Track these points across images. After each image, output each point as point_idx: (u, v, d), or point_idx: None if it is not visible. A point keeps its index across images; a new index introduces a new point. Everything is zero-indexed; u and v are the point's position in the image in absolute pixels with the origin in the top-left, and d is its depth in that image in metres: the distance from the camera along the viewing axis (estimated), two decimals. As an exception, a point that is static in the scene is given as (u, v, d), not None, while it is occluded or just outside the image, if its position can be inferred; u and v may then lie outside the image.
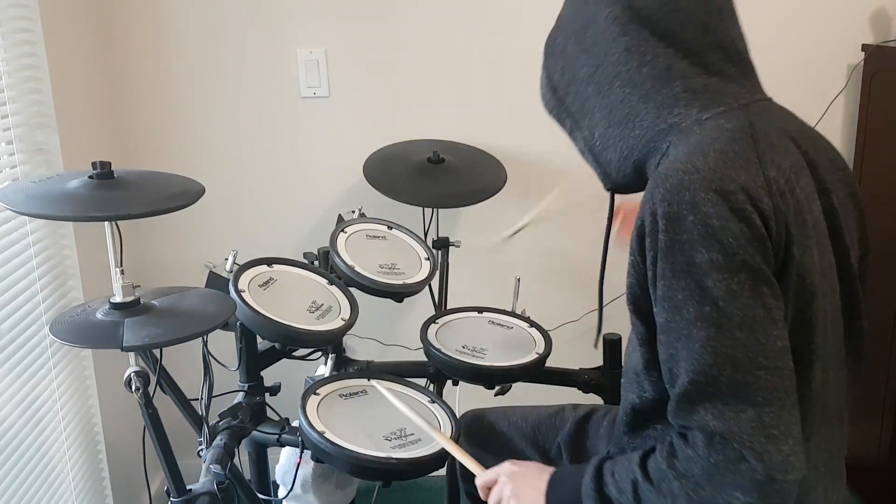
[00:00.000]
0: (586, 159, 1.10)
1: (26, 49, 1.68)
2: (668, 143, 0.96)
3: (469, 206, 2.16)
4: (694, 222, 0.85)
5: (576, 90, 1.05)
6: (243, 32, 2.06)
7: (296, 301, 1.49)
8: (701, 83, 0.96)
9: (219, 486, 1.27)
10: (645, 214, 0.90)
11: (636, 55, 0.97)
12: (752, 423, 0.85)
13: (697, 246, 0.85)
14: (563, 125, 1.11)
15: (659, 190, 0.88)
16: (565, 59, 1.06)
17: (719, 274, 0.85)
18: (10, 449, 1.54)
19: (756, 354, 0.85)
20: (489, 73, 2.11)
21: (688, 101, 0.96)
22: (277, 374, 1.58)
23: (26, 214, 1.14)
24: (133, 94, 2.09)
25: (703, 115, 0.95)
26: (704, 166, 0.87)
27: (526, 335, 1.69)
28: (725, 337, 0.85)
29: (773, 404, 0.85)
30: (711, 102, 0.95)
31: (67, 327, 1.11)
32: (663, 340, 0.91)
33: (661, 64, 0.96)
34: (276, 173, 2.17)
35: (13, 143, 1.60)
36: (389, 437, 1.29)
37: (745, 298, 0.85)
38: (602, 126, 1.03)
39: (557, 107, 1.10)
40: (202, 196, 1.21)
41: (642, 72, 0.97)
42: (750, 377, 0.85)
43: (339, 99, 2.11)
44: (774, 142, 0.94)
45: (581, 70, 1.03)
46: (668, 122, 0.96)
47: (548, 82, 1.11)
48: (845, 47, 2.09)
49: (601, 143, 1.04)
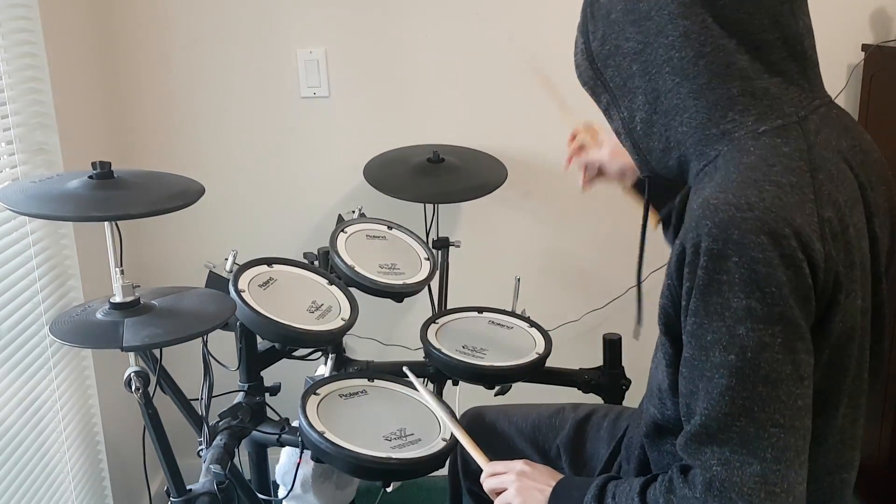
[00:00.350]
0: (622, 141, 1.00)
1: (26, 49, 1.68)
2: (718, 151, 0.89)
3: (469, 207, 2.16)
4: (738, 264, 0.80)
5: (618, 64, 0.94)
6: (243, 32, 2.06)
7: (296, 301, 1.49)
8: (761, 86, 0.88)
9: (219, 486, 1.27)
10: (687, 242, 0.84)
11: (694, 43, 0.87)
12: (755, 477, 0.82)
13: (737, 290, 0.80)
14: (597, 100, 1.01)
15: (706, 223, 0.82)
16: (608, 26, 0.94)
17: (754, 323, 0.81)
18: (10, 449, 1.54)
19: (773, 412, 0.82)
20: (489, 73, 2.11)
21: (744, 107, 0.88)
22: (277, 374, 1.58)
23: (26, 214, 1.14)
24: (133, 94, 2.09)
25: (760, 126, 0.87)
26: (759, 204, 0.81)
27: (526, 335, 1.69)
28: (746, 389, 0.82)
29: (780, 462, 0.82)
30: (769, 111, 0.88)
31: (67, 327, 1.11)
32: (685, 374, 0.88)
33: (722, 59, 0.87)
34: (276, 173, 2.17)
35: (13, 143, 1.60)
36: (389, 437, 1.29)
37: (775, 353, 0.81)
38: (645, 111, 0.94)
39: (593, 79, 0.99)
40: (202, 196, 1.21)
41: (699, 64, 0.88)
42: (763, 433, 0.82)
43: (339, 99, 2.11)
44: (832, 170, 0.88)
45: (627, 43, 0.92)
46: (721, 127, 0.89)
47: (584, 49, 0.99)
48: (845, 47, 2.09)
49: (643, 128, 0.95)
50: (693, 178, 0.94)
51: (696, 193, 0.91)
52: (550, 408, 1.42)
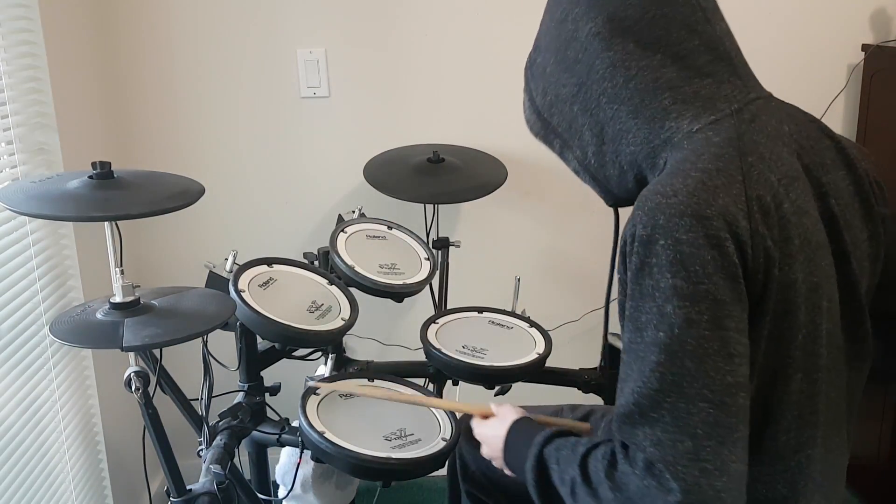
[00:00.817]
0: (582, 178, 1.08)
1: (26, 49, 1.68)
2: (664, 158, 0.94)
3: (469, 207, 2.16)
4: (664, 246, 0.85)
5: (561, 110, 1.03)
6: (243, 32, 2.06)
7: (296, 301, 1.49)
8: (691, 91, 0.94)
9: (219, 486, 1.27)
10: (626, 234, 0.90)
11: (621, 70, 0.95)
12: (688, 454, 0.84)
13: (664, 270, 0.85)
14: (551, 147, 1.09)
15: (638, 212, 0.88)
16: (546, 80, 1.04)
17: (681, 301, 0.84)
18: (10, 449, 1.54)
19: (701, 387, 0.84)
20: (490, 73, 2.11)
21: (678, 113, 0.94)
22: (277, 374, 1.58)
23: (26, 214, 1.14)
24: (133, 94, 2.09)
25: (694, 125, 0.93)
26: (683, 189, 0.86)
27: (526, 335, 1.69)
28: (675, 364, 0.85)
29: (712, 439, 0.84)
30: (702, 111, 0.93)
31: (67, 327, 1.11)
32: (624, 359, 0.91)
33: (648, 76, 0.94)
34: (276, 173, 2.17)
35: (13, 143, 1.60)
36: (389, 437, 1.30)
37: (702, 329, 0.84)
38: (594, 144, 1.01)
39: (544, 129, 1.08)
40: (202, 196, 1.21)
41: (629, 87, 0.95)
42: (693, 408, 0.84)
43: (339, 99, 2.12)
44: (764, 153, 0.92)
45: (564, 89, 1.01)
46: (661, 137, 0.94)
47: (531, 105, 1.09)
48: (845, 47, 2.09)
49: (596, 161, 1.02)
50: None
51: None
52: (549, 409, 1.42)
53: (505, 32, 2.07)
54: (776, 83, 1.08)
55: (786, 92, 1.06)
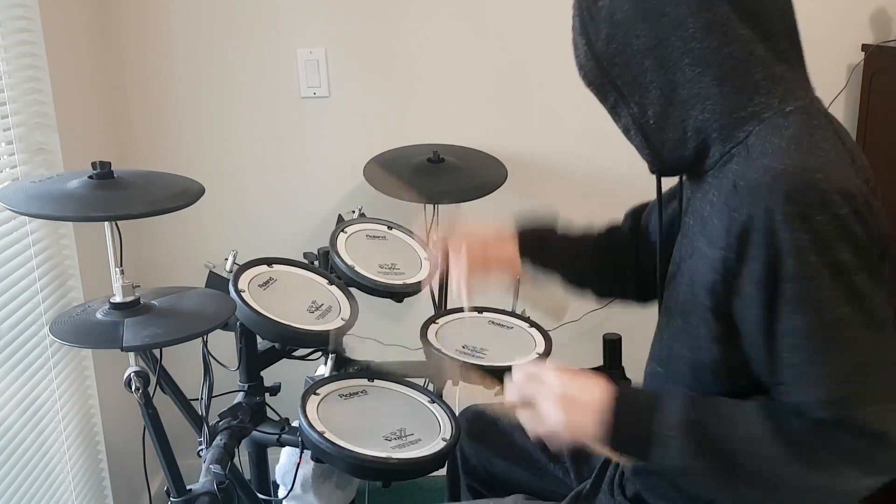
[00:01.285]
0: (630, 138, 1.02)
1: (26, 49, 1.68)
2: (748, 132, 0.92)
3: (469, 207, 2.16)
4: (822, 222, 0.84)
5: (627, 62, 0.96)
6: (243, 32, 2.06)
7: (296, 301, 1.49)
8: (779, 71, 0.93)
9: (219, 486, 1.27)
10: (755, 211, 0.86)
11: (717, 34, 0.91)
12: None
13: (835, 246, 0.84)
14: (604, 99, 1.02)
15: (779, 187, 0.85)
16: (613, 27, 0.96)
17: (862, 272, 0.85)
18: (10, 449, 1.54)
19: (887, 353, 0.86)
20: (490, 73, 2.11)
21: (768, 90, 0.92)
22: (277, 374, 1.58)
23: (26, 214, 1.14)
24: (133, 94, 2.09)
25: (786, 106, 0.92)
26: (819, 166, 0.86)
27: (526, 335, 1.69)
28: (867, 334, 0.86)
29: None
30: (789, 93, 0.93)
31: (67, 327, 1.11)
32: (790, 343, 0.87)
33: (744, 47, 0.91)
34: (276, 173, 2.17)
35: (13, 143, 1.60)
36: (389, 437, 1.29)
37: (880, 297, 0.87)
38: (659, 104, 0.95)
39: (600, 78, 1.00)
40: (202, 196, 1.21)
41: (723, 52, 0.91)
42: (878, 375, 0.86)
43: (339, 99, 2.11)
44: (851, 146, 0.93)
45: (637, 41, 0.94)
46: (748, 109, 0.92)
47: (588, 51, 1.00)
48: (845, 47, 2.09)
49: (657, 122, 0.97)
50: (714, 162, 0.96)
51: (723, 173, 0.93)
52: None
53: (505, 32, 2.07)
54: (776, 83, 1.08)
55: (786, 92, 1.06)
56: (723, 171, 0.94)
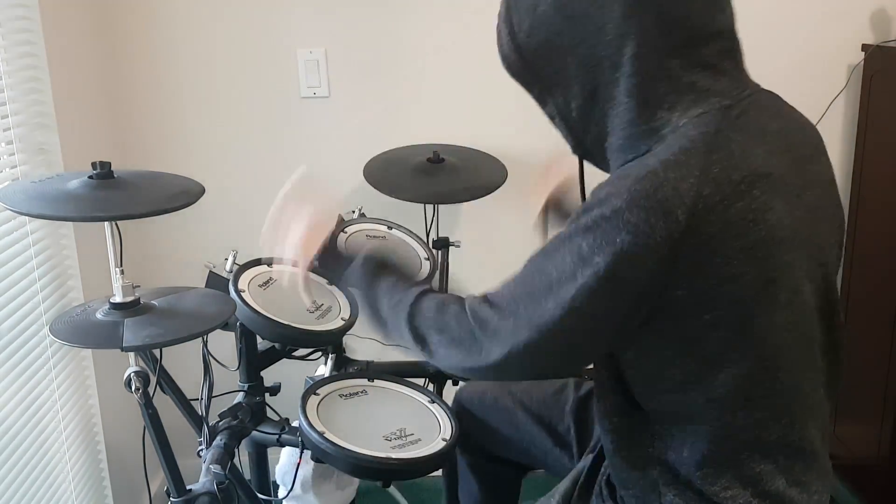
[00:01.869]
0: (555, 125, 1.05)
1: (26, 49, 1.68)
2: (649, 146, 0.92)
3: (469, 207, 2.16)
4: (589, 214, 0.88)
5: (549, 57, 0.97)
6: (243, 32, 2.06)
7: (296, 301, 1.49)
8: (688, 81, 0.92)
9: (219, 486, 1.27)
10: (598, 194, 0.90)
11: (633, 44, 0.90)
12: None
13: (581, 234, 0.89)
14: (528, 89, 1.04)
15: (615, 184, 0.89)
16: (535, 20, 0.97)
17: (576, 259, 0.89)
18: (10, 449, 1.54)
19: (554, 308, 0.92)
20: (489, 73, 2.10)
21: (671, 104, 0.92)
22: (277, 374, 1.58)
23: (26, 214, 1.14)
24: (133, 94, 2.09)
25: (682, 119, 0.91)
26: (635, 175, 0.88)
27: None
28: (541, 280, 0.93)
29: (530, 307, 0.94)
30: (693, 104, 0.92)
31: (67, 327, 1.11)
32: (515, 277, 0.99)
33: (655, 59, 0.91)
34: (276, 173, 2.16)
35: (13, 143, 1.60)
36: (389, 437, 1.30)
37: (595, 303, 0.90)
38: (581, 99, 0.96)
39: (523, 70, 1.03)
40: (202, 196, 1.21)
41: (635, 63, 0.91)
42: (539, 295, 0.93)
43: (339, 99, 2.11)
44: (734, 150, 0.90)
45: (559, 38, 0.95)
46: (650, 124, 0.93)
47: (510, 41, 1.02)
48: (845, 47, 2.09)
49: (579, 115, 0.98)
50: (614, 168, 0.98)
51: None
52: (554, 384, 1.41)
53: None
54: (776, 83, 1.08)
55: (786, 92, 1.06)
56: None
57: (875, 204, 2.05)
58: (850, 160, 2.15)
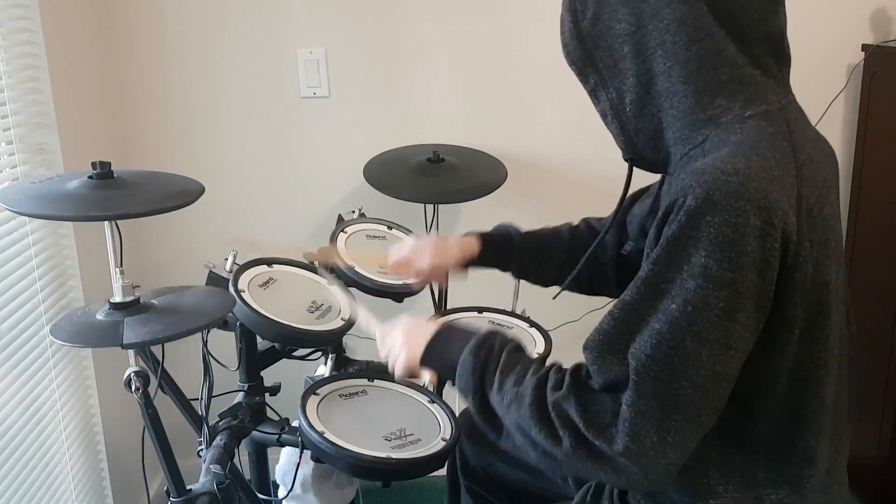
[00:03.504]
0: (607, 123, 1.01)
1: (26, 49, 1.68)
2: (706, 135, 0.91)
3: (469, 207, 2.16)
4: (709, 223, 0.82)
5: (609, 44, 0.95)
6: (243, 32, 2.06)
7: (296, 301, 1.49)
8: (748, 74, 0.91)
9: (219, 486, 1.27)
10: (672, 206, 0.86)
11: (689, 29, 0.89)
12: (654, 420, 0.85)
13: (700, 247, 0.83)
14: (584, 80, 1.01)
15: (691, 183, 0.84)
16: (599, 6, 0.95)
17: (705, 282, 0.83)
18: (10, 449, 1.54)
19: (690, 368, 0.84)
20: (489, 73, 2.11)
21: (731, 92, 0.90)
22: (277, 374, 1.58)
23: (26, 214, 1.14)
24: (133, 94, 2.09)
25: (746, 111, 0.90)
26: (745, 171, 0.83)
27: (526, 335, 1.69)
28: (675, 340, 0.84)
29: (680, 413, 0.85)
30: (755, 98, 0.91)
31: (67, 328, 1.11)
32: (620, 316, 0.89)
33: (713, 46, 0.89)
34: (276, 173, 2.17)
35: (13, 143, 1.60)
36: (389, 437, 1.29)
37: (713, 315, 0.83)
38: (636, 92, 0.94)
39: (582, 59, 0.99)
40: (202, 196, 1.21)
41: (691, 49, 0.89)
42: (674, 383, 0.85)
43: (339, 99, 2.11)
44: (812, 153, 0.91)
45: (619, 24, 0.93)
46: (708, 112, 0.91)
47: (573, 29, 0.98)
48: (845, 47, 2.09)
49: (633, 109, 0.96)
50: (675, 164, 0.96)
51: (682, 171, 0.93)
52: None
53: (505, 32, 2.07)
54: (776, 83, 1.08)
55: (786, 92, 1.06)
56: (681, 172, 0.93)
57: (875, 204, 2.05)
58: (850, 160, 2.15)
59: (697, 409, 0.85)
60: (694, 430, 0.86)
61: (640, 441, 0.85)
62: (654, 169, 1.03)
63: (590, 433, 0.87)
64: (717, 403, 0.87)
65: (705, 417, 0.86)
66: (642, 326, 0.87)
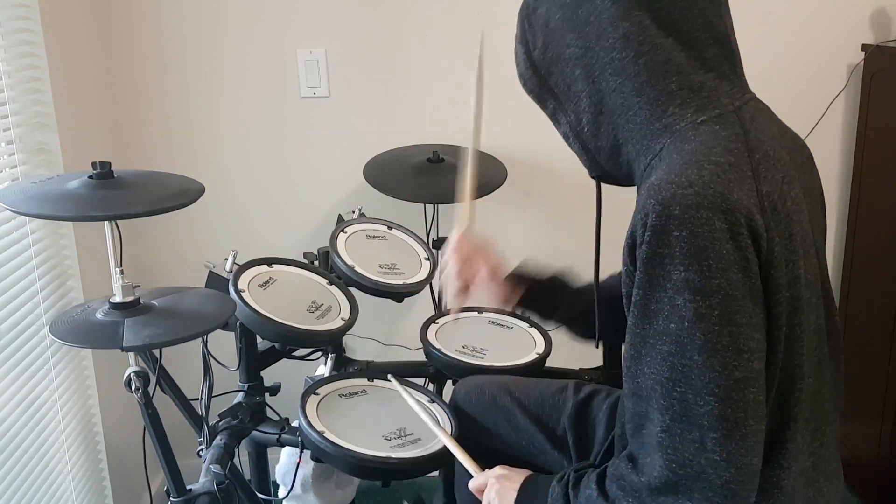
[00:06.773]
0: (570, 144, 1.05)
1: (26, 49, 1.68)
2: (662, 144, 0.92)
3: (469, 206, 2.16)
4: (679, 238, 0.83)
5: (560, 70, 0.98)
6: (243, 32, 2.06)
7: (296, 301, 1.49)
8: (697, 80, 0.92)
9: (219, 486, 1.27)
10: (637, 225, 0.88)
11: (634, 44, 0.91)
12: (694, 444, 0.85)
13: (677, 263, 0.84)
14: (544, 107, 1.05)
15: (651, 201, 0.85)
16: (548, 35, 0.98)
17: (692, 294, 0.84)
18: (10, 449, 1.54)
19: (708, 381, 0.84)
20: (490, 74, 2.10)
21: (683, 100, 0.92)
22: (277, 374, 1.58)
23: (26, 214, 1.14)
24: (133, 94, 2.09)
25: (699, 116, 0.91)
26: (699, 180, 0.84)
27: (526, 335, 1.69)
28: (684, 356, 0.85)
29: (717, 431, 0.85)
30: (707, 103, 0.92)
31: (67, 327, 1.11)
32: (629, 341, 0.91)
33: (660, 56, 0.91)
34: (276, 173, 2.17)
35: (13, 143, 1.60)
36: (389, 436, 1.30)
37: (712, 324, 0.84)
38: (591, 112, 0.97)
39: (539, 87, 1.03)
40: (202, 196, 1.21)
41: (638, 63, 0.92)
42: (699, 400, 0.85)
43: (339, 99, 2.12)
44: (768, 150, 0.92)
45: (567, 50, 0.96)
46: (662, 121, 0.92)
47: (526, 59, 1.03)
48: (845, 47, 2.09)
49: (590, 129, 0.99)
50: (639, 177, 0.97)
51: (642, 186, 0.94)
52: (553, 385, 1.40)
53: (505, 32, 2.07)
54: (776, 83, 1.08)
55: (786, 92, 1.06)
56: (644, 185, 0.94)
57: (875, 204, 2.05)
58: (850, 160, 2.15)
59: (733, 421, 0.85)
60: (740, 443, 0.86)
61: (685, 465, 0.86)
62: (622, 183, 1.05)
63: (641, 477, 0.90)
64: (753, 411, 0.86)
65: (747, 427, 0.86)
66: (650, 350, 0.88)
